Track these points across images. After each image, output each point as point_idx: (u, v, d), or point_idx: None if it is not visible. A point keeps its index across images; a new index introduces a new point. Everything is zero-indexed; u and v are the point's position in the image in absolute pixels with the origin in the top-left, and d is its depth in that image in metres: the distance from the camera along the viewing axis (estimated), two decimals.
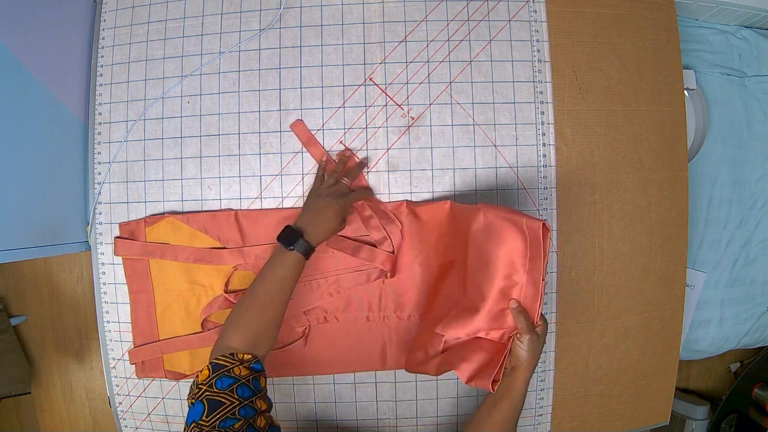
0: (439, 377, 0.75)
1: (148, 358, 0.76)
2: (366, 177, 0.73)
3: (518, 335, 0.58)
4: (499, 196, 0.74)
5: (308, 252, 0.61)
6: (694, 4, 0.92)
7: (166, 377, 0.76)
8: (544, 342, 0.60)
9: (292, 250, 0.60)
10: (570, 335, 0.76)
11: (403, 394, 0.76)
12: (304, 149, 0.73)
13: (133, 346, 0.76)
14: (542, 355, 0.76)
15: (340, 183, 0.68)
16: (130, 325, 0.76)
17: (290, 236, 0.61)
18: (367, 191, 0.72)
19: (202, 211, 0.74)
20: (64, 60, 0.81)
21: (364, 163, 0.73)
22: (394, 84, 0.74)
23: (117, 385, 0.78)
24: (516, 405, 0.58)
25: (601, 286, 0.76)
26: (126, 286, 0.75)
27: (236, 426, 0.48)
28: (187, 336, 0.75)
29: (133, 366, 0.76)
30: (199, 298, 0.75)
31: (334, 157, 0.73)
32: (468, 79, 0.74)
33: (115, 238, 0.75)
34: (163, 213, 0.75)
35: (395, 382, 0.75)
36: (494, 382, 0.58)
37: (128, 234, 0.75)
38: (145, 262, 0.75)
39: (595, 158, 0.75)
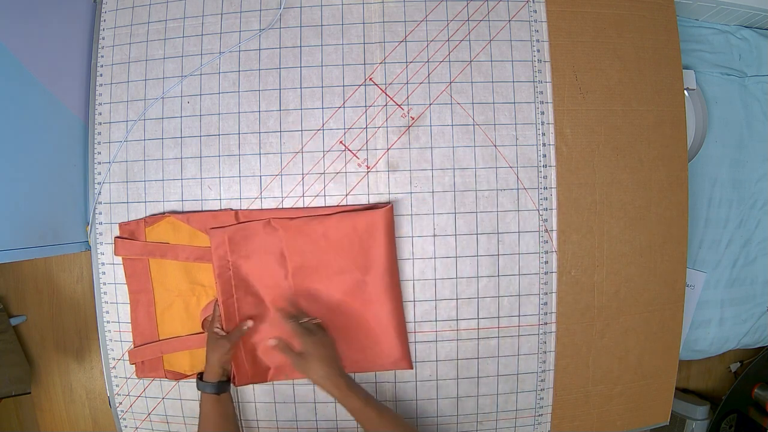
0: (439, 377, 0.75)
1: (148, 358, 0.76)
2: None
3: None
4: (499, 196, 0.74)
5: (215, 388, 0.68)
6: (694, 4, 0.92)
7: (166, 377, 0.76)
8: (315, 353, 0.65)
9: (202, 392, 0.69)
10: (570, 335, 0.76)
11: (403, 394, 0.76)
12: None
13: (133, 346, 0.76)
14: (542, 355, 0.76)
15: (216, 326, 0.72)
16: (130, 325, 0.76)
17: (197, 382, 0.70)
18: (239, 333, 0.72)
19: (202, 211, 0.74)
20: (64, 60, 0.81)
21: (246, 329, 0.72)
22: (394, 84, 0.74)
23: (117, 385, 0.78)
24: (355, 410, 0.64)
25: (601, 286, 0.76)
26: (126, 286, 0.75)
27: None
28: (187, 336, 0.75)
29: (133, 366, 0.76)
30: (199, 298, 0.75)
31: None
32: (468, 79, 0.74)
33: (115, 238, 0.75)
34: (163, 213, 0.75)
35: (395, 382, 0.76)
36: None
37: (128, 234, 0.75)
38: (145, 262, 0.75)
39: (595, 158, 0.75)
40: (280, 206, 0.74)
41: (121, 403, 0.78)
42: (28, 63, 0.74)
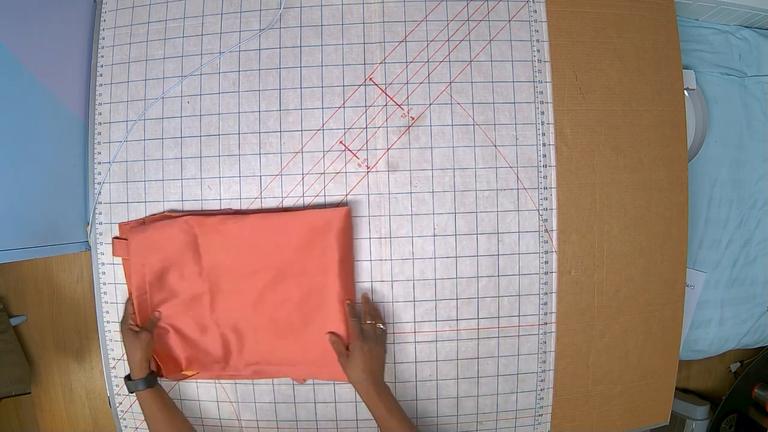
0: (439, 377, 0.75)
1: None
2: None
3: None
4: (499, 196, 0.74)
5: (141, 383, 0.68)
6: (694, 4, 0.92)
7: (167, 378, 0.75)
8: (362, 357, 0.66)
9: (135, 392, 0.69)
10: (570, 335, 0.76)
11: (403, 394, 0.76)
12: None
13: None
14: (542, 355, 0.76)
15: (129, 323, 0.72)
16: None
17: (126, 383, 0.70)
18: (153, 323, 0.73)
19: (201, 210, 0.74)
20: (64, 60, 0.81)
21: (157, 319, 0.73)
22: (394, 84, 0.74)
23: (117, 385, 0.78)
24: (378, 411, 0.65)
25: (601, 286, 0.76)
26: (126, 285, 0.75)
27: None
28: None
29: None
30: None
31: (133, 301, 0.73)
32: (468, 79, 0.74)
33: (113, 238, 0.75)
34: (163, 212, 0.74)
35: (395, 383, 0.76)
36: None
37: (127, 234, 0.75)
38: None
39: (595, 158, 0.75)
40: (280, 206, 0.74)
41: (121, 403, 0.78)
42: (28, 63, 0.74)
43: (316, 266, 0.71)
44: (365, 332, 0.69)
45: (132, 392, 0.69)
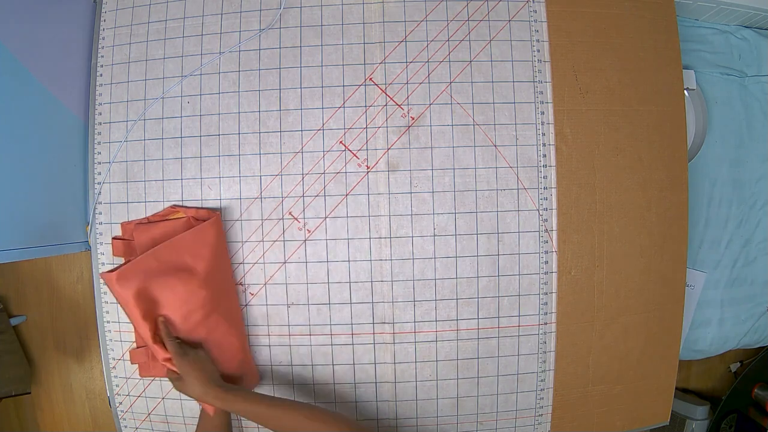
0: (439, 377, 0.75)
1: (149, 359, 0.75)
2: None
3: None
4: (499, 196, 0.74)
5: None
6: (694, 4, 0.92)
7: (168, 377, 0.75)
8: (190, 369, 0.65)
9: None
10: (570, 335, 0.76)
11: (403, 394, 0.76)
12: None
13: (135, 346, 0.76)
14: (542, 355, 0.76)
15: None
16: (129, 325, 0.76)
17: None
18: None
19: (202, 208, 0.74)
20: (64, 60, 0.81)
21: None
22: (394, 84, 0.74)
23: (117, 385, 0.78)
24: (245, 413, 0.62)
25: (601, 286, 0.76)
26: None
27: None
28: None
29: (135, 366, 0.76)
30: None
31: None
32: (468, 79, 0.74)
33: (113, 238, 0.75)
34: (166, 207, 0.74)
35: (395, 383, 0.76)
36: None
37: (129, 234, 0.75)
38: None
39: (595, 158, 0.75)
40: (280, 206, 0.74)
41: (121, 403, 0.78)
42: (28, 63, 0.74)
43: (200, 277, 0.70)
44: (182, 350, 0.66)
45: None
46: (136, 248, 0.73)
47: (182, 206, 0.74)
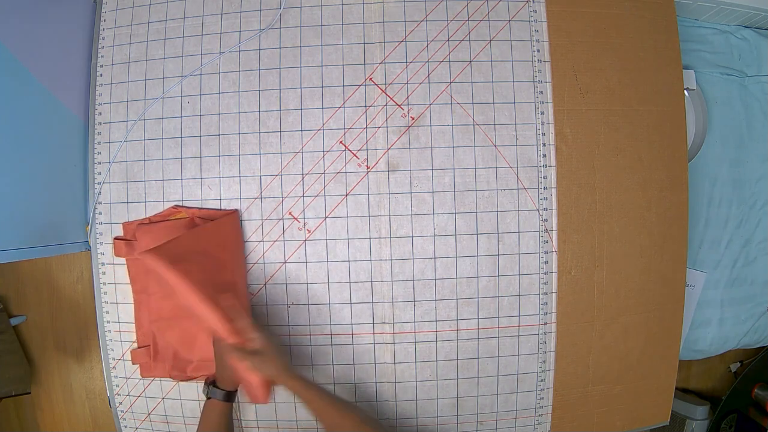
0: (439, 377, 0.75)
1: (151, 359, 0.75)
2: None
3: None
4: (499, 196, 0.74)
5: (226, 396, 0.67)
6: (694, 4, 0.92)
7: (171, 377, 0.75)
8: (270, 348, 0.64)
9: (210, 398, 0.68)
10: (570, 335, 0.76)
11: (403, 394, 0.76)
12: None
13: (136, 346, 0.76)
14: (542, 355, 0.76)
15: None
16: (129, 325, 0.76)
17: (206, 386, 0.69)
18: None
19: (203, 209, 0.74)
20: (64, 60, 0.81)
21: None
22: (394, 84, 0.74)
23: (117, 385, 0.78)
24: (313, 401, 0.63)
25: (601, 286, 0.76)
26: (126, 285, 0.75)
27: None
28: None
29: (136, 366, 0.76)
30: None
31: None
32: (468, 79, 0.74)
33: (115, 238, 0.75)
34: (168, 207, 0.74)
35: (395, 382, 0.76)
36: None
37: (131, 234, 0.75)
38: None
39: (595, 158, 0.75)
40: (280, 206, 0.74)
41: (121, 403, 0.78)
42: (28, 63, 0.74)
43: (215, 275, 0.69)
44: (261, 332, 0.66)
45: (209, 397, 0.67)
46: (138, 248, 0.73)
47: (184, 207, 0.74)
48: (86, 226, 0.78)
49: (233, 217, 0.73)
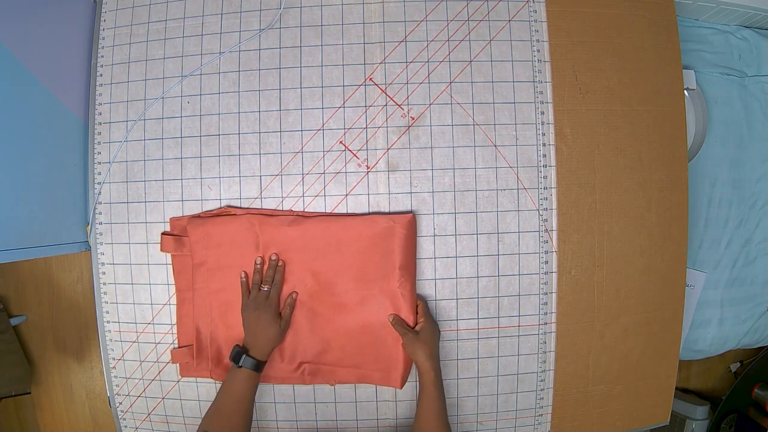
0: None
1: (192, 358, 0.75)
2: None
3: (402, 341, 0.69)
4: (499, 196, 0.74)
5: (257, 366, 0.67)
6: (694, 4, 0.92)
7: (212, 377, 0.75)
8: (431, 334, 0.69)
9: (241, 367, 0.66)
10: (570, 335, 0.76)
11: (403, 394, 0.76)
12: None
13: (177, 345, 0.76)
14: (542, 355, 0.76)
15: (261, 291, 0.71)
16: (130, 325, 0.76)
17: (238, 355, 0.67)
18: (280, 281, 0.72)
19: (262, 209, 0.74)
20: (64, 60, 0.81)
21: (278, 266, 0.72)
22: (394, 84, 0.74)
23: (117, 385, 0.78)
24: (432, 397, 0.66)
25: (601, 286, 0.76)
26: (127, 285, 0.76)
27: None
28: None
29: (135, 366, 0.76)
30: None
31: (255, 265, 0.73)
32: (468, 79, 0.74)
33: (162, 233, 0.74)
34: (221, 207, 0.74)
35: None
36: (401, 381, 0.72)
37: (179, 230, 0.74)
38: None
39: (595, 158, 0.75)
40: (280, 206, 0.74)
41: (121, 403, 0.78)
42: (28, 63, 0.74)
43: (375, 271, 0.71)
44: (428, 309, 0.72)
45: (239, 366, 0.66)
46: (188, 243, 0.73)
47: (237, 207, 0.74)
48: (86, 226, 0.78)
49: (410, 222, 0.71)
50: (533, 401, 0.77)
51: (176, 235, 0.74)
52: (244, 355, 0.66)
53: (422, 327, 0.69)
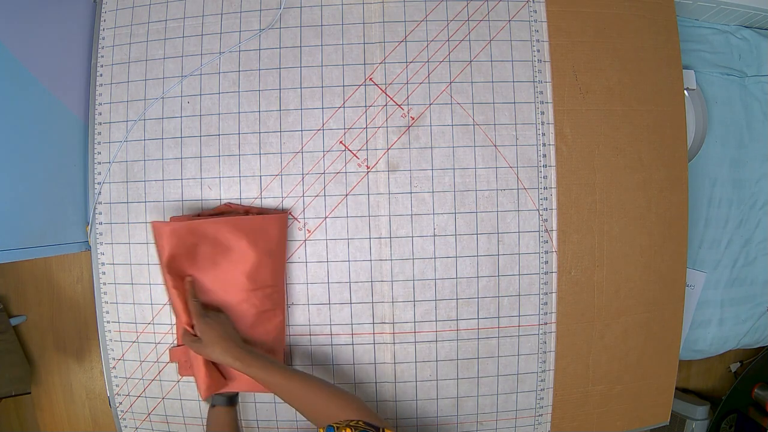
0: (439, 377, 0.75)
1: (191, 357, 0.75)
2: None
3: None
4: (499, 196, 0.74)
5: (229, 400, 0.68)
6: (694, 4, 0.92)
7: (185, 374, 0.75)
8: (210, 331, 0.64)
9: (214, 406, 0.69)
10: (570, 335, 0.76)
11: (403, 394, 0.76)
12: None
13: (176, 344, 0.76)
14: (542, 355, 0.76)
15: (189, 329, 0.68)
16: (130, 325, 0.76)
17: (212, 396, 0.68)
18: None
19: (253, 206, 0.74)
20: (64, 60, 0.81)
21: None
22: (394, 84, 0.74)
23: (117, 385, 0.78)
24: (279, 385, 0.60)
25: (601, 286, 0.76)
26: (127, 285, 0.76)
27: None
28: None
29: (135, 366, 0.76)
30: None
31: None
32: (468, 79, 0.74)
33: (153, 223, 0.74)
34: (221, 203, 0.74)
35: (395, 383, 0.76)
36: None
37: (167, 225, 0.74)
38: None
39: (595, 158, 0.75)
40: (280, 206, 0.74)
41: (121, 403, 0.78)
42: (28, 63, 0.74)
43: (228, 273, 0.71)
44: (204, 311, 0.67)
45: (213, 406, 0.69)
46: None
47: (237, 204, 0.74)
48: (86, 226, 0.78)
49: (281, 217, 0.71)
50: (533, 401, 0.77)
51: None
52: (213, 394, 0.68)
53: (199, 329, 0.64)
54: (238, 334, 0.68)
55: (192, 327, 0.66)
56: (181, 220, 0.73)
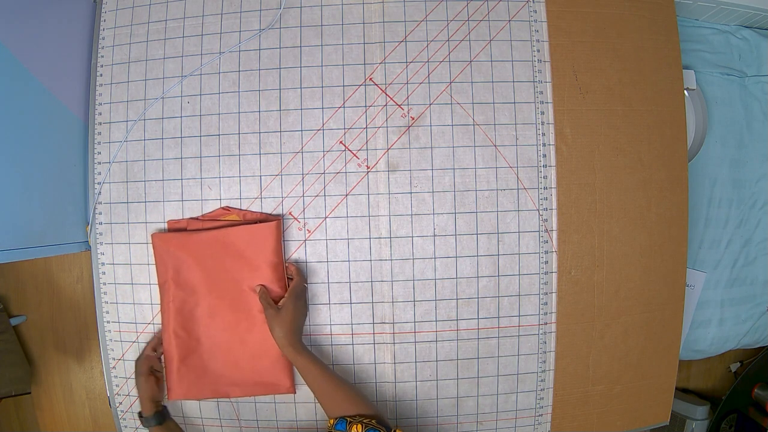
0: (439, 377, 0.75)
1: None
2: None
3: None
4: (499, 196, 0.74)
5: (159, 419, 0.71)
6: (694, 4, 0.92)
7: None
8: (292, 313, 0.68)
9: (149, 429, 0.72)
10: (570, 335, 0.76)
11: (403, 394, 0.76)
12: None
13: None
14: (542, 355, 0.76)
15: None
16: (130, 325, 0.76)
17: (140, 417, 0.73)
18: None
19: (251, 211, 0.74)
20: (64, 60, 0.81)
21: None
22: (394, 84, 0.74)
23: (117, 385, 0.78)
24: (311, 375, 0.66)
25: (601, 286, 0.76)
26: (127, 285, 0.76)
27: None
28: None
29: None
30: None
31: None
32: (468, 79, 0.74)
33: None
34: (220, 206, 0.74)
35: (395, 382, 0.76)
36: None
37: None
38: None
39: (595, 158, 0.75)
40: (280, 206, 0.74)
41: (121, 403, 0.78)
42: (28, 63, 0.74)
43: (244, 283, 0.72)
44: (300, 290, 0.71)
45: (147, 427, 0.72)
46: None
47: (235, 208, 0.74)
48: (86, 226, 0.78)
49: (274, 225, 0.72)
50: (533, 401, 0.77)
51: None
52: (140, 416, 0.72)
53: (284, 304, 0.68)
54: (301, 330, 0.71)
55: (277, 301, 0.70)
56: (178, 224, 0.74)
